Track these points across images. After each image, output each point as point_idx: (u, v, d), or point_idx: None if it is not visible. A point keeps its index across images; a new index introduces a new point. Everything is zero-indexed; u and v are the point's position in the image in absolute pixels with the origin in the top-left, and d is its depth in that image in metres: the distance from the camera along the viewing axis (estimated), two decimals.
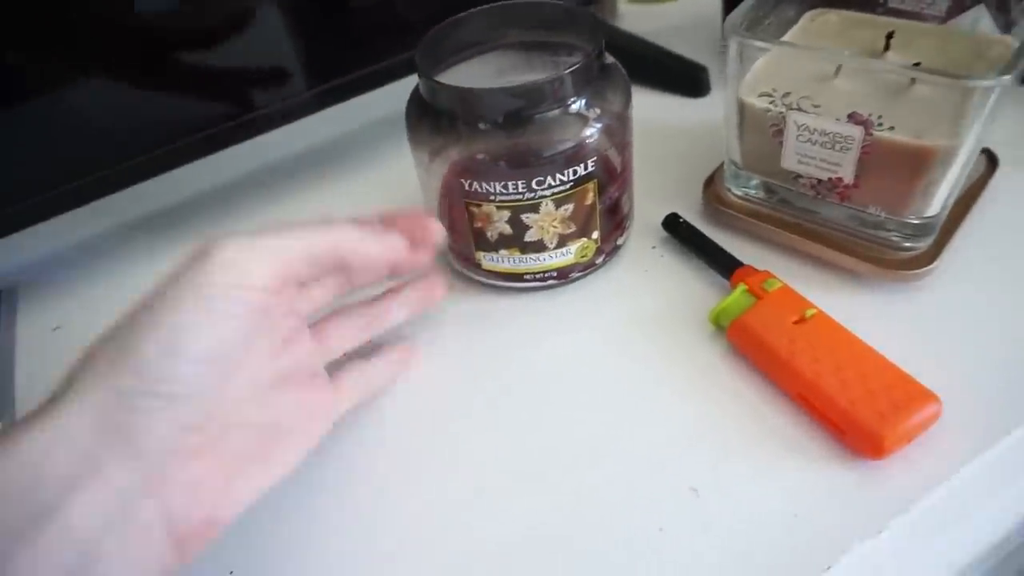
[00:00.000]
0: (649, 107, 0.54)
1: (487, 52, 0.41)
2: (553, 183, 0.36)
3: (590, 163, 0.36)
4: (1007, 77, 0.30)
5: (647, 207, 0.44)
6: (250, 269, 0.26)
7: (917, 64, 0.35)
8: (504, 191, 0.36)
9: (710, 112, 0.52)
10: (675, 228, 0.42)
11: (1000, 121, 0.42)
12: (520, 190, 0.36)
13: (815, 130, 0.35)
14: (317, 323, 0.34)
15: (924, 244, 0.37)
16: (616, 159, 0.39)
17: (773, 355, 0.34)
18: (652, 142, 0.50)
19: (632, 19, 0.65)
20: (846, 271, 0.39)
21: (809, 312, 0.35)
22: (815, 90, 0.36)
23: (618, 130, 0.38)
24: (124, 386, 0.23)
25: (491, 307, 0.41)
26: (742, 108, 0.38)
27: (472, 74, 0.39)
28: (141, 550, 0.24)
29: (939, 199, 0.35)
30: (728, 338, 0.36)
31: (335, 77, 0.49)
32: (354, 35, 0.50)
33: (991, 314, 0.36)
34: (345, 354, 0.35)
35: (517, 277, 0.40)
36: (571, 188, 0.36)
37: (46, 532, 0.22)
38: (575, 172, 0.36)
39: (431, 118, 0.37)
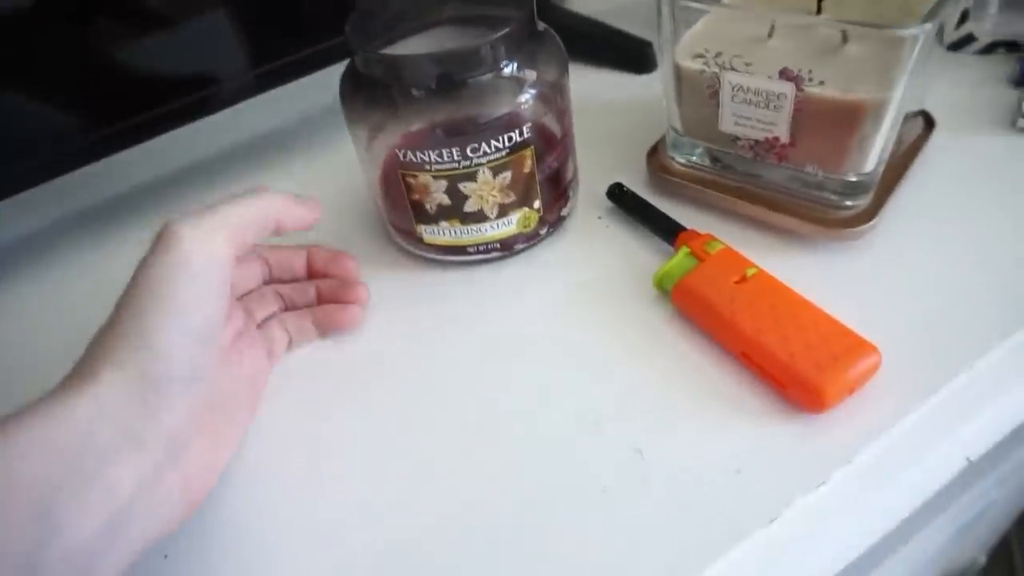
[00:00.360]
0: (597, 84, 0.54)
1: (424, 29, 0.40)
2: (488, 150, 0.35)
3: (525, 129, 0.36)
4: (928, 25, 0.30)
5: (593, 179, 0.44)
6: (216, 242, 0.28)
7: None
8: (440, 160, 0.35)
9: (657, 87, 0.52)
10: (619, 197, 0.42)
11: (938, 86, 0.42)
12: (456, 158, 0.35)
13: (748, 89, 0.35)
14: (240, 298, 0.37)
15: (862, 202, 0.37)
16: (555, 127, 0.38)
17: (715, 314, 0.34)
18: (599, 117, 0.50)
19: (581, 0, 0.65)
20: (788, 232, 0.39)
21: (750, 271, 0.35)
22: (749, 50, 0.35)
23: (554, 97, 0.38)
24: (148, 370, 0.26)
25: (435, 281, 0.41)
26: (678, 72, 0.38)
27: (408, 51, 0.38)
28: (164, 508, 0.27)
29: (874, 155, 0.35)
30: (672, 300, 0.36)
31: (273, 60, 0.48)
32: (291, 17, 0.49)
33: (928, 270, 0.37)
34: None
35: (460, 250, 0.40)
36: (507, 155, 0.36)
37: (90, 492, 0.24)
38: (510, 139, 0.35)
39: (365, 91, 0.37)
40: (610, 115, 0.50)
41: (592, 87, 0.53)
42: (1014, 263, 0.36)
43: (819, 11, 0.38)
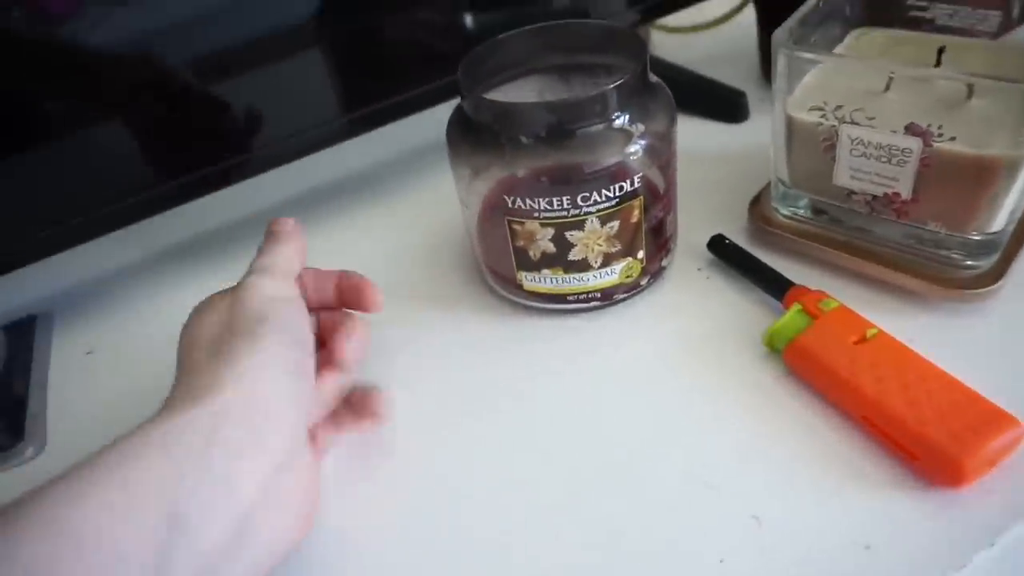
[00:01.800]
0: (689, 133, 0.53)
1: (528, 75, 0.41)
2: (599, 199, 0.35)
3: (636, 179, 0.35)
4: None
5: (691, 230, 0.43)
6: (288, 284, 0.32)
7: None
8: (548, 208, 0.35)
9: (751, 137, 0.52)
10: (721, 249, 0.41)
11: None
12: (565, 206, 0.35)
13: (870, 143, 0.34)
14: None
15: (988, 262, 0.35)
16: (659, 179, 0.38)
17: (834, 375, 0.32)
18: (694, 167, 0.49)
19: (665, 49, 0.65)
20: (904, 291, 0.37)
21: (871, 332, 0.33)
22: (866, 103, 0.35)
23: (662, 148, 0.37)
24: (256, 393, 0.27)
25: (533, 329, 0.40)
26: (791, 124, 0.37)
27: (513, 96, 0.39)
28: (284, 519, 0.27)
29: (1004, 214, 0.34)
30: (784, 359, 0.35)
31: (367, 105, 0.49)
32: (386, 63, 0.50)
33: None
34: None
35: (560, 298, 0.39)
36: (616, 205, 0.35)
37: (216, 492, 0.24)
38: (621, 188, 0.35)
39: (473, 135, 0.37)
40: (705, 166, 0.49)
41: (684, 137, 0.53)
42: None
43: (938, 63, 0.37)
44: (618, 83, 0.34)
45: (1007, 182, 0.32)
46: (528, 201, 0.35)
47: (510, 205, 0.36)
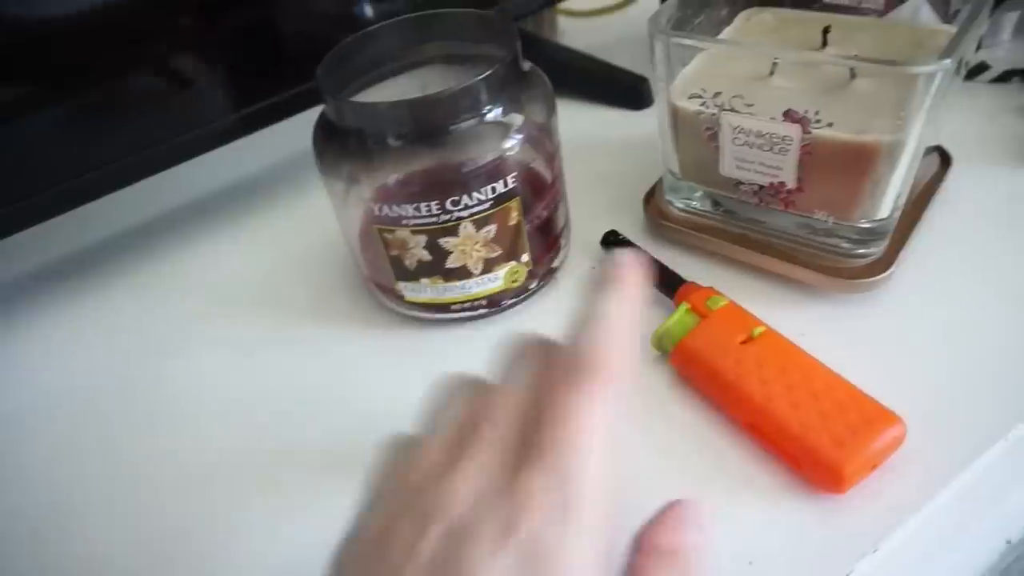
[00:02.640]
0: (590, 122, 0.52)
1: (406, 70, 0.38)
2: (470, 203, 0.33)
3: (510, 179, 0.33)
4: (947, 61, 0.27)
5: (586, 226, 0.41)
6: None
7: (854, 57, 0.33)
8: (417, 214, 0.33)
9: (653, 125, 0.50)
10: (613, 246, 0.39)
11: (952, 117, 0.39)
12: (434, 212, 0.33)
13: (750, 131, 0.33)
14: None
15: (877, 250, 0.34)
16: (544, 172, 0.36)
17: (720, 380, 0.31)
18: (593, 158, 0.47)
19: (574, 34, 0.63)
20: (797, 283, 0.36)
21: (757, 331, 0.32)
22: (750, 90, 0.33)
23: (543, 140, 0.35)
24: None
25: (417, 341, 0.38)
26: (675, 113, 0.35)
27: (389, 95, 0.36)
28: None
29: (888, 200, 0.32)
30: (671, 363, 0.33)
31: (255, 102, 0.46)
32: (264, 62, 0.47)
33: (952, 324, 0.33)
34: None
35: (443, 308, 0.37)
36: (491, 207, 0.33)
37: None
38: (494, 190, 0.33)
39: (339, 141, 0.34)
40: (605, 156, 0.47)
41: (585, 125, 0.51)
42: None
43: (824, 43, 0.35)
44: (487, 74, 0.32)
45: (887, 168, 0.31)
46: (396, 208, 0.33)
47: (378, 213, 0.33)
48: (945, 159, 0.40)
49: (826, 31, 0.35)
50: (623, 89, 0.52)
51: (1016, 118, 0.45)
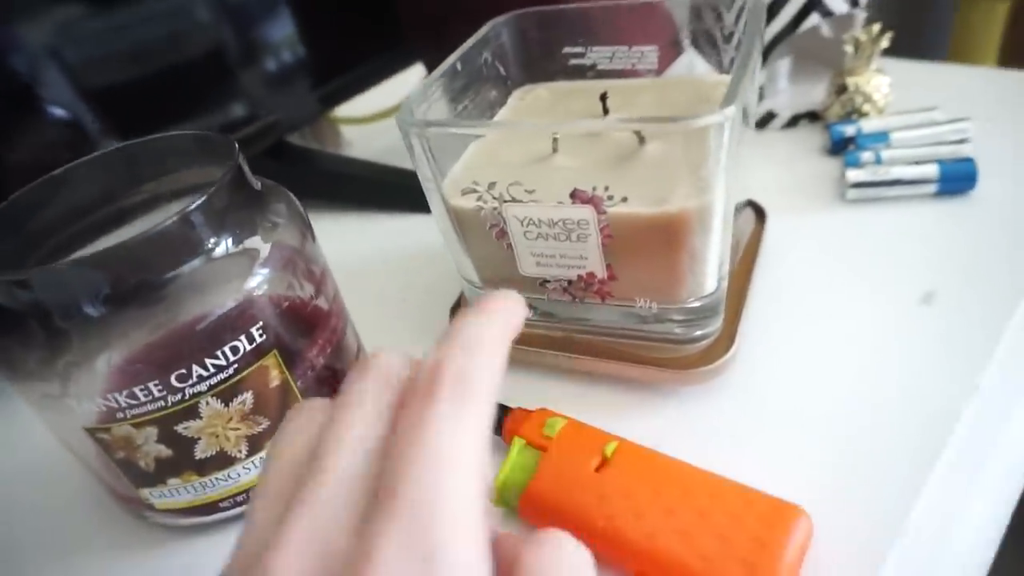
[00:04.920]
0: (384, 233, 0.46)
1: (120, 219, 0.30)
2: (205, 373, 0.25)
3: (256, 331, 0.25)
4: (730, 109, 0.23)
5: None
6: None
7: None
8: (134, 402, 0.24)
9: None
10: None
11: (754, 169, 0.37)
12: (157, 396, 0.24)
13: (541, 221, 0.27)
14: None
15: (714, 328, 0.30)
16: (314, 306, 0.29)
17: (584, 525, 0.24)
18: (392, 272, 0.41)
19: (361, 143, 0.58)
20: (638, 382, 0.30)
21: (610, 448, 0.26)
22: (529, 174, 0.28)
23: (302, 266, 0.28)
24: None
25: (181, 558, 0.28)
26: (454, 213, 0.30)
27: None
28: None
29: (712, 271, 0.28)
30: (521, 517, 0.26)
31: None
32: None
33: (813, 384, 0.29)
34: None
35: (210, 508, 0.28)
36: (237, 372, 0.25)
37: None
38: (235, 349, 0.25)
39: (19, 328, 0.25)
40: (403, 268, 0.41)
41: (378, 238, 0.45)
42: (900, 356, 0.30)
43: (605, 111, 0.32)
44: (197, 204, 0.25)
45: (701, 235, 0.27)
46: (102, 402, 0.24)
47: (78, 411, 0.24)
48: (760, 213, 0.37)
49: (603, 97, 0.32)
50: (407, 192, 0.46)
51: (816, 158, 0.44)
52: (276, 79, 0.46)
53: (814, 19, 0.43)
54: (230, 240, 0.26)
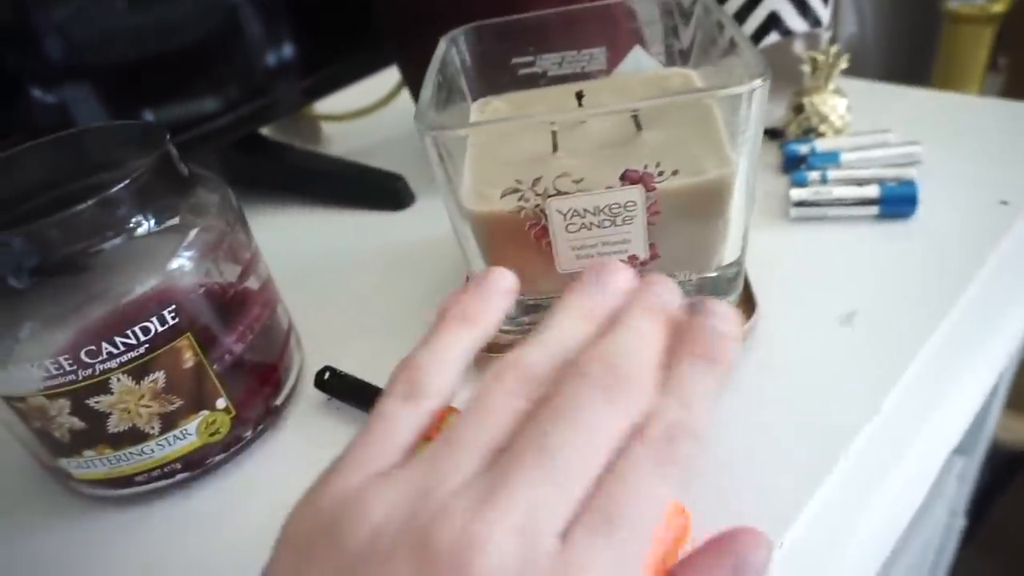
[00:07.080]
0: (354, 230, 0.47)
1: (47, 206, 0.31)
2: (115, 351, 0.26)
3: (168, 314, 0.27)
4: (763, 76, 0.25)
5: (344, 350, 0.35)
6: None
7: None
8: (46, 374, 0.26)
9: (421, 225, 0.46)
10: (329, 387, 0.33)
11: None
12: (68, 369, 0.26)
13: (584, 211, 0.28)
14: None
15: (735, 294, 0.32)
16: (244, 292, 0.30)
17: None
18: (358, 269, 0.42)
19: (340, 140, 0.59)
20: None
21: None
22: (551, 169, 0.28)
23: (231, 251, 0.29)
24: None
25: (99, 524, 0.30)
26: (481, 221, 0.29)
27: None
28: None
29: (740, 236, 0.30)
30: None
31: None
32: None
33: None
34: None
35: (126, 481, 0.29)
36: (149, 351, 0.27)
37: None
38: (146, 330, 0.26)
39: None
40: (371, 265, 0.42)
41: (350, 236, 0.46)
42: (809, 373, 0.30)
43: (580, 103, 0.31)
44: (124, 184, 0.26)
45: (736, 200, 0.28)
46: (16, 372, 0.25)
47: None
48: None
49: (580, 96, 0.31)
50: (379, 191, 0.48)
51: (770, 176, 0.44)
52: (256, 68, 0.47)
53: (773, 37, 0.43)
54: (152, 221, 0.27)
